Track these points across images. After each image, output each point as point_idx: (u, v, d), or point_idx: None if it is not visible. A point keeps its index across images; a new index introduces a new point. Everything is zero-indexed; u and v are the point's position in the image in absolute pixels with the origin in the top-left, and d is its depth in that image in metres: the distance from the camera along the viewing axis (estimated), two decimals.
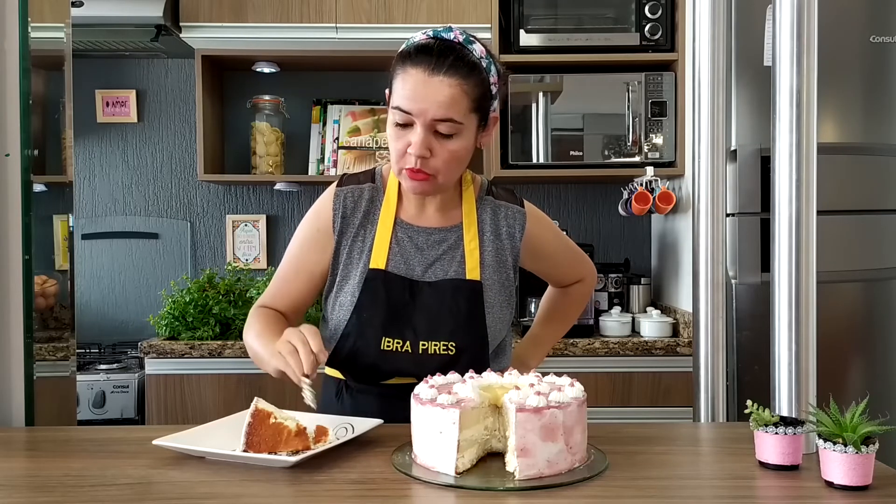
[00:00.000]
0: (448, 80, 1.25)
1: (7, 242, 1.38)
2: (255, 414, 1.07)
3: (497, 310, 1.38)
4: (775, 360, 1.17)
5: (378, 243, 1.37)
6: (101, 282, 3.13)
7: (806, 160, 1.15)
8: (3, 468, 1.08)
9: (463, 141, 1.29)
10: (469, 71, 1.27)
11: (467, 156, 1.33)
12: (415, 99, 1.25)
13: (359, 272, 1.36)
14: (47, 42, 1.49)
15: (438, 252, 1.38)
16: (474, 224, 1.40)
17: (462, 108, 1.26)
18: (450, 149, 1.28)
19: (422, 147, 1.26)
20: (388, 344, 1.33)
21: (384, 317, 1.33)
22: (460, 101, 1.26)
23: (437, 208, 1.40)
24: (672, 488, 0.97)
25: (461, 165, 1.33)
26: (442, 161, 1.28)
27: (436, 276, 1.37)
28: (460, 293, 1.35)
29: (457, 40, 1.29)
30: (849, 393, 2.01)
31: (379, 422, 1.18)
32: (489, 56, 1.32)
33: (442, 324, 1.34)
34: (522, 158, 2.73)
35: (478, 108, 1.30)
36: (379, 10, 2.69)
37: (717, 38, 1.51)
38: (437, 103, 1.24)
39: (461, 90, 1.26)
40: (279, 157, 2.99)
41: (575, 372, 1.76)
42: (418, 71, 1.25)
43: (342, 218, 1.39)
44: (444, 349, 1.33)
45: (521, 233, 1.42)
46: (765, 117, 2.17)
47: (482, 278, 1.37)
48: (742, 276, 2.26)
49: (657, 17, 2.69)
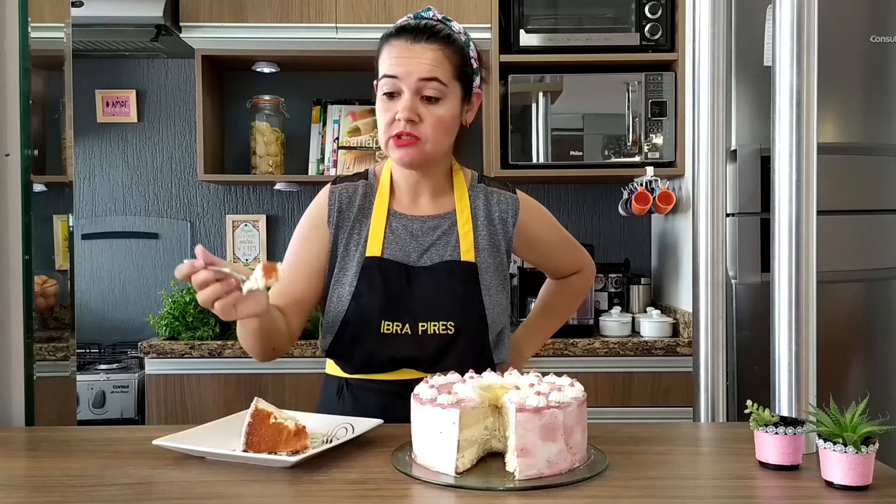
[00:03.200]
0: (430, 46, 1.33)
1: (7, 242, 1.38)
2: (255, 414, 1.07)
3: (494, 292, 1.40)
4: (775, 360, 1.17)
5: (373, 233, 1.39)
6: (101, 282, 3.13)
7: (806, 160, 1.15)
8: (3, 468, 1.08)
9: (448, 107, 1.35)
10: (449, 40, 1.36)
11: (453, 125, 1.38)
12: (400, 63, 1.32)
13: (355, 262, 1.38)
14: (47, 42, 1.49)
15: (433, 238, 1.40)
16: (467, 209, 1.43)
17: (446, 71, 1.33)
18: (436, 114, 1.33)
19: (409, 110, 1.31)
20: (387, 327, 1.35)
21: (382, 302, 1.35)
22: (443, 63, 1.33)
23: (430, 196, 1.43)
24: (672, 488, 0.97)
25: (447, 135, 1.37)
26: (430, 126, 1.33)
27: (431, 260, 1.39)
28: (456, 274, 1.37)
29: (435, 18, 1.38)
30: (849, 393, 2.01)
31: (379, 422, 1.18)
32: (467, 35, 1.41)
33: (439, 305, 1.36)
34: (522, 158, 2.73)
35: (460, 76, 1.37)
36: (379, 10, 2.69)
37: (717, 38, 1.51)
38: (422, 64, 1.32)
39: (443, 54, 1.34)
40: (279, 157, 2.99)
41: (575, 372, 1.76)
42: (401, 41, 1.34)
43: (338, 213, 1.41)
44: (443, 329, 1.35)
45: (515, 218, 1.45)
46: (765, 117, 2.17)
47: (477, 260, 1.39)
48: (742, 276, 2.26)
49: (657, 17, 2.69)
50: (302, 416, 1.16)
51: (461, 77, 1.37)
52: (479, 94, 1.43)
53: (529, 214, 1.48)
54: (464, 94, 1.39)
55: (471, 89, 1.41)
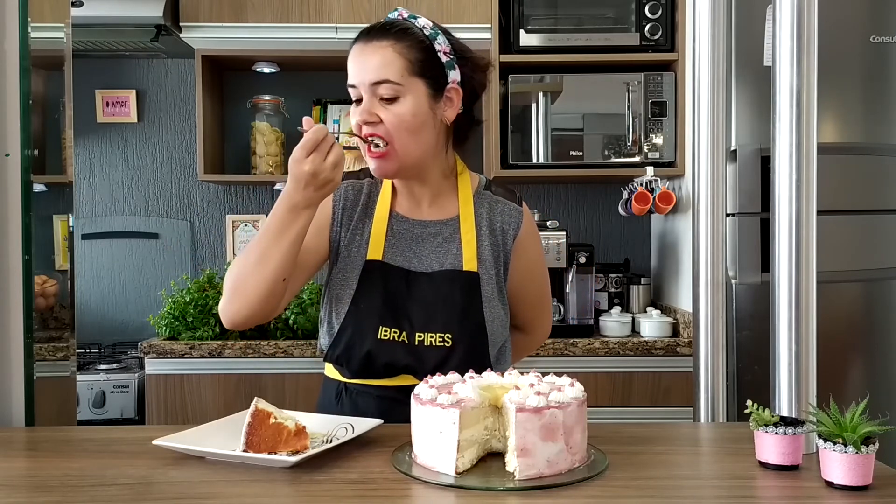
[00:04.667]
0: (378, 44, 1.31)
1: (7, 242, 1.38)
2: (255, 414, 1.07)
3: (495, 304, 1.38)
4: (775, 360, 1.17)
5: (374, 236, 1.38)
6: (101, 282, 3.13)
7: (806, 160, 1.15)
8: (3, 468, 1.08)
9: (408, 105, 1.31)
10: (402, 34, 1.32)
11: (418, 124, 1.32)
12: (354, 70, 1.33)
13: (357, 265, 1.37)
14: (47, 42, 1.49)
15: (434, 244, 1.39)
16: (471, 216, 1.40)
17: (396, 69, 1.30)
18: (395, 112, 1.30)
19: (364, 112, 1.31)
20: (384, 333, 1.33)
21: (381, 306, 1.34)
22: (393, 61, 1.30)
23: (431, 201, 1.42)
24: (672, 488, 0.97)
25: (415, 135, 1.32)
26: (391, 126, 1.31)
27: (432, 267, 1.38)
28: (456, 284, 1.35)
29: (400, 17, 1.36)
30: (849, 393, 2.01)
31: (379, 422, 1.18)
32: (437, 28, 1.36)
33: (437, 315, 1.34)
34: (522, 158, 2.73)
35: (420, 72, 1.32)
36: (379, 10, 2.69)
37: (717, 38, 1.51)
38: (370, 67, 1.31)
39: (393, 51, 1.31)
40: (279, 157, 2.99)
41: (575, 372, 1.76)
42: (358, 45, 1.34)
43: (342, 209, 1.41)
44: (440, 341, 1.33)
45: (516, 231, 1.41)
46: (765, 117, 2.17)
47: (479, 270, 1.37)
48: (742, 276, 2.26)
49: (657, 17, 2.69)
50: (302, 416, 1.16)
51: (422, 72, 1.31)
52: (457, 89, 1.35)
53: (529, 232, 1.44)
54: (431, 90, 1.33)
55: (441, 84, 1.34)
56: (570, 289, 2.73)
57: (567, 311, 2.74)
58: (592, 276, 2.75)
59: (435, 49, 1.34)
